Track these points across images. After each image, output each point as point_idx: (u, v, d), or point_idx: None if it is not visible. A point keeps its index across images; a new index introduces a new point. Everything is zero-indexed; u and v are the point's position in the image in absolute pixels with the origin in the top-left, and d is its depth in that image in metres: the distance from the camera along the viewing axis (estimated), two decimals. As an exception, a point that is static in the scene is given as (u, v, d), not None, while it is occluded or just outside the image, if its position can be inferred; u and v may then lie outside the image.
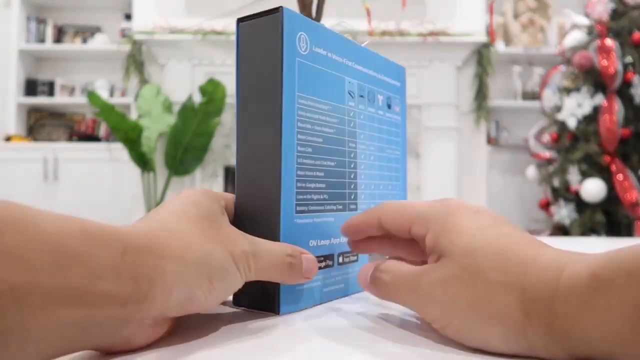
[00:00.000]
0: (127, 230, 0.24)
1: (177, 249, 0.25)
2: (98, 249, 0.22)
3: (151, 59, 3.26)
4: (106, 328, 0.23)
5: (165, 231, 0.26)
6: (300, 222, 0.34)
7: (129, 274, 0.23)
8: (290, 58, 0.33)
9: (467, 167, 3.27)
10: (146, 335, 0.25)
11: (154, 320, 0.24)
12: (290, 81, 0.33)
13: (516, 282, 0.24)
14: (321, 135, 0.35)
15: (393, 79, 0.44)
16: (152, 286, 0.23)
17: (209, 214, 0.28)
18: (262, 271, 0.30)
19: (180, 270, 0.25)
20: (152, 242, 0.24)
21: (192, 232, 0.27)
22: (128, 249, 0.23)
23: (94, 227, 0.22)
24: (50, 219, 0.21)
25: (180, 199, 0.29)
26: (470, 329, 0.25)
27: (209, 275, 0.26)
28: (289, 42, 0.33)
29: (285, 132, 0.32)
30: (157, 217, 0.27)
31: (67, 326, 0.21)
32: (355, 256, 0.39)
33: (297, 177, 0.33)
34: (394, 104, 0.44)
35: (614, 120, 2.27)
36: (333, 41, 0.37)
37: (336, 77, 0.37)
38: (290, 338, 0.28)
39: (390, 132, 0.44)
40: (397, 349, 0.26)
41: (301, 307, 0.34)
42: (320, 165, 0.35)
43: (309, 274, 0.32)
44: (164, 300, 0.24)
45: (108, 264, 0.22)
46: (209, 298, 0.26)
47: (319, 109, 0.35)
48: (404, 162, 0.46)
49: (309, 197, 0.34)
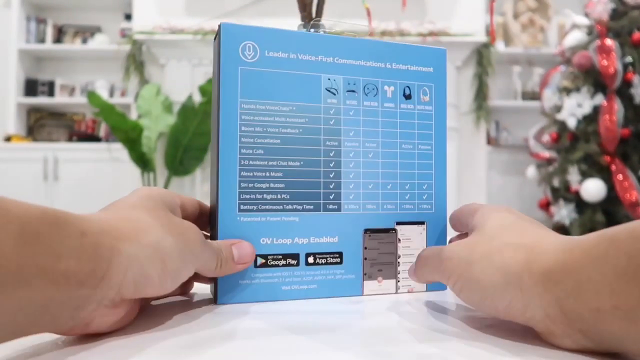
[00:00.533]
0: (84, 216, 0.26)
1: (133, 232, 0.27)
2: (59, 230, 0.23)
3: (151, 59, 3.26)
4: (65, 309, 0.24)
5: (121, 218, 0.28)
6: (246, 220, 0.36)
7: (88, 254, 0.24)
8: (229, 68, 0.36)
9: (467, 167, 3.27)
10: (104, 318, 0.26)
11: (111, 301, 0.25)
12: (229, 89, 0.36)
13: (527, 244, 0.27)
14: (278, 137, 0.37)
15: (420, 66, 0.41)
16: (110, 266, 0.25)
17: (162, 206, 0.31)
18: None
19: (135, 252, 0.26)
20: (109, 225, 0.26)
21: (146, 219, 0.28)
22: (86, 231, 0.24)
23: (53, 211, 0.24)
24: (13, 203, 0.22)
25: (136, 193, 0.31)
26: (476, 280, 0.28)
27: (162, 259, 0.28)
28: (228, 53, 0.36)
29: (223, 136, 0.35)
30: (113, 207, 0.30)
31: (28, 306, 0.22)
32: (337, 258, 0.38)
33: (240, 177, 0.36)
34: (419, 93, 0.41)
35: (614, 120, 2.27)
36: (300, 42, 0.38)
37: (305, 77, 0.38)
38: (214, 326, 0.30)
39: (411, 125, 0.40)
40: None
41: (245, 300, 0.36)
42: (276, 166, 0.37)
43: (242, 259, 0.34)
44: (120, 280, 0.25)
45: (69, 244, 0.23)
46: (163, 281, 0.28)
47: (274, 111, 0.37)
48: (441, 156, 0.41)
49: (258, 197, 0.36)
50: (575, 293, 0.24)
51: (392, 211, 0.39)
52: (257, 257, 0.36)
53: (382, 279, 0.39)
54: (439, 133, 0.41)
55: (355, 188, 0.39)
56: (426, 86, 0.41)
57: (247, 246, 0.35)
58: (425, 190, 0.40)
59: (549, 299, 0.25)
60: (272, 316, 0.32)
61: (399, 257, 0.40)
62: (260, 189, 0.36)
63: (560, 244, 0.26)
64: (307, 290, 0.37)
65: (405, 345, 0.27)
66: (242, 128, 0.36)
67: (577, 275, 0.24)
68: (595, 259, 0.23)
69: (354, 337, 0.28)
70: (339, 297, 0.38)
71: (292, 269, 0.37)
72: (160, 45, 3.18)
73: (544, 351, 0.25)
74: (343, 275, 0.38)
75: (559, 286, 0.24)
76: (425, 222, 0.40)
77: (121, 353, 0.25)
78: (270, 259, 0.37)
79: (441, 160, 0.42)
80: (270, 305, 0.35)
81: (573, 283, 0.24)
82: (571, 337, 0.24)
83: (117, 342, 0.26)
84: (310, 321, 0.31)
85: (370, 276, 0.39)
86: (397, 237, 0.40)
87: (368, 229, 0.39)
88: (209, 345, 0.26)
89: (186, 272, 0.30)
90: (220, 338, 0.28)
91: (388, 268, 0.39)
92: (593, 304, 0.23)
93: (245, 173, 0.36)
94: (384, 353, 0.26)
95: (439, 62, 0.42)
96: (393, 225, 0.39)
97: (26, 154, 3.39)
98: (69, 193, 3.33)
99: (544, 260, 0.25)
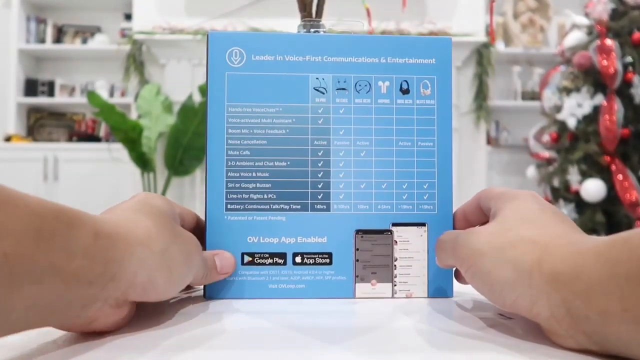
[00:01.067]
0: (98, 217, 0.26)
1: (144, 238, 0.28)
2: (74, 229, 0.23)
3: (151, 59, 3.26)
4: (73, 307, 0.24)
5: (130, 222, 0.28)
6: (233, 219, 0.37)
7: (102, 255, 0.24)
8: (217, 74, 0.38)
9: (467, 167, 3.27)
10: (108, 317, 0.26)
11: (116, 301, 0.26)
12: (217, 94, 0.38)
13: (541, 241, 0.27)
14: (265, 138, 0.38)
15: (420, 58, 0.39)
16: (120, 268, 0.25)
17: (165, 214, 0.31)
18: None
19: (145, 257, 0.27)
20: (121, 229, 0.27)
21: (154, 226, 0.29)
22: (100, 233, 0.25)
23: (69, 209, 0.24)
24: (32, 199, 0.22)
25: (139, 199, 0.32)
26: (487, 272, 0.28)
27: (169, 266, 0.29)
28: (215, 60, 0.38)
29: (210, 139, 0.37)
30: (118, 211, 0.30)
31: (38, 303, 0.22)
32: (326, 258, 0.38)
33: (227, 178, 0.37)
34: (418, 86, 0.39)
35: (613, 120, 2.27)
36: (287, 44, 0.38)
37: (291, 78, 0.38)
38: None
39: (409, 121, 0.39)
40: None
41: (232, 295, 0.37)
42: (262, 166, 0.38)
43: (223, 270, 0.36)
44: (129, 282, 0.26)
45: (82, 244, 0.24)
46: (167, 286, 0.29)
47: (260, 113, 0.38)
48: (445, 153, 0.40)
49: (245, 197, 0.37)
50: (583, 295, 0.23)
51: (387, 211, 0.38)
52: (244, 255, 0.37)
53: (376, 281, 0.38)
54: (442, 128, 0.39)
55: (346, 188, 0.38)
56: (427, 79, 0.39)
57: (229, 256, 0.36)
58: (426, 189, 0.39)
59: (556, 299, 0.25)
60: (272, 315, 0.32)
61: (395, 260, 0.38)
62: (247, 189, 0.37)
63: (574, 244, 0.26)
64: (295, 290, 0.37)
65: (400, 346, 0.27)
66: (229, 130, 0.38)
67: (587, 278, 0.23)
68: (607, 260, 0.23)
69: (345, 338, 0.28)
70: (329, 298, 0.37)
71: (279, 268, 0.37)
72: (160, 45, 3.18)
73: (545, 350, 0.25)
74: (333, 277, 0.38)
75: (568, 287, 0.24)
76: (427, 224, 0.38)
77: (121, 353, 0.25)
78: (257, 257, 0.37)
79: (445, 158, 0.40)
80: (270, 305, 0.35)
81: (582, 285, 0.24)
82: (574, 337, 0.24)
83: (119, 341, 0.26)
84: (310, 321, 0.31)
85: (362, 278, 0.38)
86: (393, 238, 0.38)
87: (360, 229, 0.38)
88: (206, 343, 0.26)
89: (187, 280, 0.31)
90: (217, 337, 0.28)
91: (383, 271, 0.38)
92: (601, 306, 0.23)
93: (232, 173, 0.37)
94: (381, 353, 0.25)
95: (443, 53, 0.40)
96: (388, 226, 0.38)
97: (26, 154, 3.39)
98: (69, 193, 3.32)
99: (556, 260, 0.25)
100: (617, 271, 0.22)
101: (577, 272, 0.24)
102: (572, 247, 0.26)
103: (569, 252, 0.25)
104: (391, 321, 0.32)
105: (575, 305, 0.24)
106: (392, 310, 0.34)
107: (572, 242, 0.26)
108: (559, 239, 0.27)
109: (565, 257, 0.25)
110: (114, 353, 0.25)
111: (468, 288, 0.41)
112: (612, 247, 0.23)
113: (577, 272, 0.24)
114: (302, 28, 0.48)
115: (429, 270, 0.38)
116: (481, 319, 0.32)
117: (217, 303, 0.36)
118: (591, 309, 0.23)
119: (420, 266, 0.38)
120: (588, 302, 0.23)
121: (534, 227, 0.28)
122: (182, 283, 0.31)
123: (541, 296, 0.25)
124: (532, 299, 0.26)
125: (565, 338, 0.25)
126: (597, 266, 0.23)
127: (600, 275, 0.23)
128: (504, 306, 0.28)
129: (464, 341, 0.28)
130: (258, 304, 0.35)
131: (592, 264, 0.24)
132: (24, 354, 0.25)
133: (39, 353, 0.25)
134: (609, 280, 0.23)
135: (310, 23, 0.46)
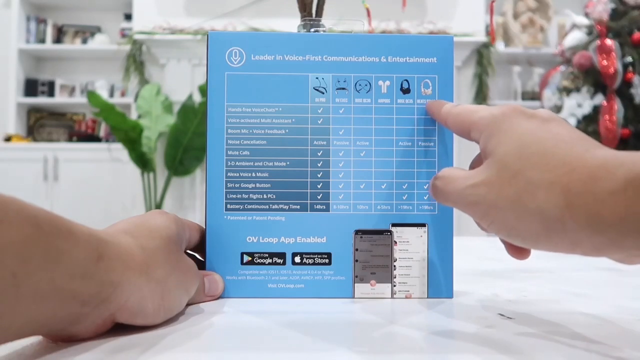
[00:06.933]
0: (104, 237, 0.26)
1: (144, 264, 0.28)
2: (79, 250, 0.24)
3: (151, 59, 3.26)
4: (62, 322, 0.25)
5: (134, 245, 0.28)
6: (232, 219, 0.38)
7: (99, 278, 0.25)
8: (217, 74, 0.38)
9: (467, 167, 3.27)
10: (91, 331, 0.27)
11: (103, 320, 0.26)
12: (217, 95, 0.38)
13: (558, 181, 0.24)
14: (264, 138, 0.38)
15: (421, 57, 0.39)
16: (115, 291, 0.26)
17: (170, 238, 0.32)
18: None
19: (141, 284, 0.27)
20: (124, 253, 0.27)
21: (160, 252, 0.30)
22: (103, 256, 0.25)
23: (78, 228, 0.24)
24: (44, 217, 0.23)
25: (147, 219, 0.32)
26: (513, 226, 0.26)
27: (162, 295, 0.29)
28: (215, 60, 0.38)
29: (210, 139, 0.38)
30: (126, 227, 0.30)
31: (35, 320, 0.23)
32: (325, 258, 0.38)
33: (227, 177, 0.38)
34: (419, 86, 0.39)
35: (614, 120, 2.27)
36: (287, 44, 0.38)
37: (291, 77, 0.38)
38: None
39: (409, 121, 0.38)
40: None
41: (231, 294, 0.37)
42: (262, 166, 0.38)
43: (210, 292, 0.36)
44: (119, 306, 0.26)
45: (83, 266, 0.24)
46: (156, 314, 0.29)
47: (260, 113, 0.38)
48: (446, 153, 0.39)
49: (244, 196, 0.38)
50: (635, 233, 0.22)
51: (386, 212, 0.38)
52: (244, 255, 0.38)
53: (375, 282, 0.38)
54: (443, 128, 0.39)
55: (346, 188, 0.38)
56: (428, 78, 0.39)
57: (218, 279, 0.37)
58: (426, 190, 0.38)
59: (602, 240, 0.23)
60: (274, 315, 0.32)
61: (395, 261, 0.38)
62: (246, 188, 0.38)
63: (599, 180, 0.23)
64: (294, 290, 0.37)
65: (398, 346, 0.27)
66: (228, 131, 0.38)
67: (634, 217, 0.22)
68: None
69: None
70: (328, 298, 0.37)
71: (279, 268, 0.38)
72: (160, 45, 3.18)
73: (545, 350, 0.25)
74: (332, 277, 0.38)
75: (614, 228, 0.22)
76: (427, 224, 0.38)
77: (118, 352, 0.25)
78: (256, 257, 0.38)
79: (447, 158, 0.39)
80: (270, 305, 0.35)
81: (631, 225, 0.22)
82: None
83: (116, 341, 0.26)
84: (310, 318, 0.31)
85: (362, 279, 0.38)
86: (392, 239, 0.38)
87: (359, 230, 0.38)
88: (204, 343, 0.26)
89: (179, 309, 0.32)
90: (216, 336, 0.28)
91: (382, 271, 0.38)
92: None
93: (231, 173, 0.38)
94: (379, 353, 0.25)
95: (444, 52, 0.40)
96: (388, 227, 0.38)
97: (26, 154, 3.38)
98: (69, 193, 3.32)
99: (588, 202, 0.23)
100: None
101: (622, 215, 0.22)
102: (603, 185, 0.23)
103: (600, 191, 0.23)
104: (390, 321, 0.32)
105: (628, 242, 0.22)
106: (392, 310, 0.34)
107: (594, 175, 0.23)
108: (575, 172, 0.24)
109: (597, 198, 0.23)
110: (112, 352, 0.25)
111: (468, 288, 0.41)
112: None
113: (622, 215, 0.22)
114: (302, 28, 0.48)
115: (429, 270, 0.38)
116: (481, 319, 0.31)
117: (217, 302, 0.36)
118: None
119: (420, 267, 0.38)
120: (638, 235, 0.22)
121: (541, 163, 0.26)
122: (172, 312, 0.31)
123: (581, 238, 0.24)
124: (572, 241, 0.24)
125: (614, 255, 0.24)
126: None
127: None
128: (543, 250, 0.26)
129: (464, 341, 0.28)
130: (257, 304, 0.35)
131: (634, 200, 0.21)
132: (23, 354, 0.25)
133: (39, 353, 0.25)
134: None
135: (310, 23, 0.45)
